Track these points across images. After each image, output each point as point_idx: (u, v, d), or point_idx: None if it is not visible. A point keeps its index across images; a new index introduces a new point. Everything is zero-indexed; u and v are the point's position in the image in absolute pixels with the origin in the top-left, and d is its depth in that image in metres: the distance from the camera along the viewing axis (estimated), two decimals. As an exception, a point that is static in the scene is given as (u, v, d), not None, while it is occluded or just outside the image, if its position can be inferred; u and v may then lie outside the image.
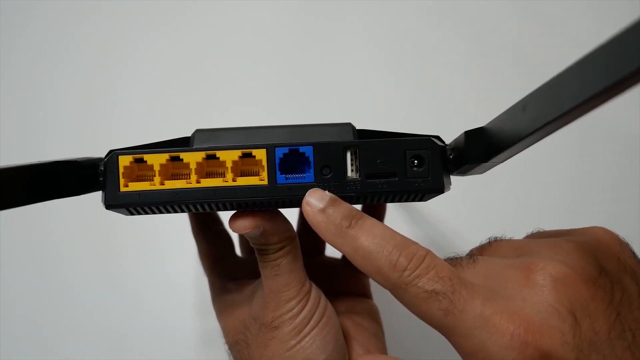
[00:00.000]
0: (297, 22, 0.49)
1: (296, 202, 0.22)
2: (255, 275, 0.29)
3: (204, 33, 0.48)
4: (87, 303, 0.43)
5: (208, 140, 0.22)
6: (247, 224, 0.23)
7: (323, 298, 0.26)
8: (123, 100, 0.47)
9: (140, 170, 0.22)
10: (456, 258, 0.23)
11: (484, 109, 0.46)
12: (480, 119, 0.22)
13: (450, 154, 0.24)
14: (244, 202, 0.22)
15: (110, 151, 0.22)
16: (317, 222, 0.21)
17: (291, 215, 0.26)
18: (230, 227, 0.23)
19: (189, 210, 0.23)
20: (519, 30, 0.49)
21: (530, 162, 0.45)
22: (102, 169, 0.22)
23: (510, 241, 0.24)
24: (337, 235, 0.21)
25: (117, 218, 0.26)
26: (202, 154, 0.21)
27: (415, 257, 0.20)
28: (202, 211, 0.23)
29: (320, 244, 0.34)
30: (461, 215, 0.45)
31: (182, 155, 0.22)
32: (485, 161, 0.21)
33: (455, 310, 0.19)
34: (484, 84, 0.48)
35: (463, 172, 0.24)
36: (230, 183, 0.22)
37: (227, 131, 0.22)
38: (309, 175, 0.22)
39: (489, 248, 0.24)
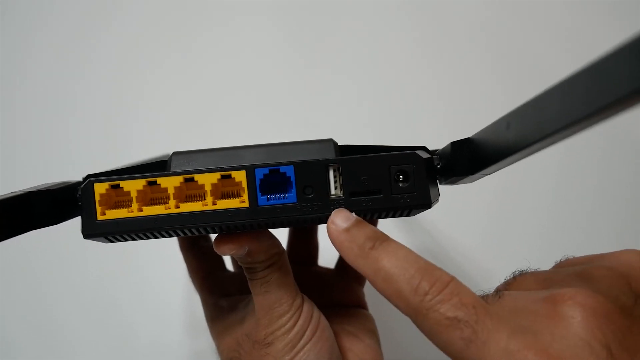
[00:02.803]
0: (283, 36, 0.48)
1: (279, 224, 0.21)
2: (247, 290, 0.28)
3: (194, 53, 0.48)
4: (74, 328, 0.43)
5: (185, 163, 0.21)
6: (231, 246, 0.22)
7: (316, 311, 0.25)
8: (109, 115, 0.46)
9: (118, 196, 0.21)
10: (482, 296, 0.21)
11: (472, 113, 0.45)
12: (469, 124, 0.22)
13: (438, 164, 0.23)
14: (226, 225, 0.21)
15: (87, 176, 0.22)
16: (340, 242, 0.20)
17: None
18: (215, 249, 0.23)
19: (170, 236, 0.22)
20: (506, 34, 0.48)
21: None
22: (79, 194, 0.21)
23: (536, 273, 0.23)
24: (359, 256, 0.20)
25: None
26: (180, 178, 0.21)
27: (439, 281, 0.19)
28: (184, 236, 0.22)
29: (313, 254, 0.34)
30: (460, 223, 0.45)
31: (159, 180, 0.21)
32: (472, 174, 0.21)
33: (478, 340, 0.18)
34: (470, 88, 0.47)
35: (452, 182, 0.23)
36: (210, 207, 0.21)
37: (205, 153, 0.22)
38: (291, 196, 0.21)
39: (514, 283, 0.23)
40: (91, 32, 0.48)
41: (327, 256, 0.34)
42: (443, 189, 0.24)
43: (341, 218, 0.21)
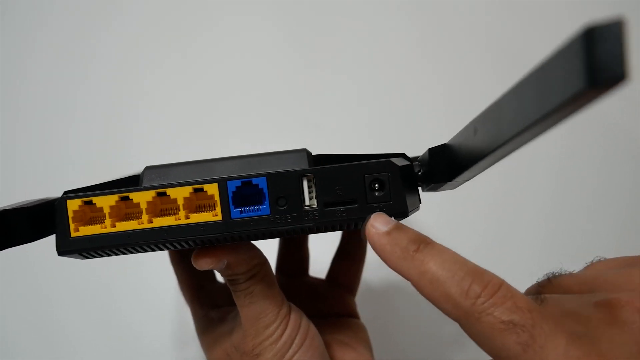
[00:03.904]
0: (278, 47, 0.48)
1: (253, 236, 0.21)
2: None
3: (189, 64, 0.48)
4: (75, 329, 0.43)
5: (157, 177, 0.21)
6: (209, 260, 0.22)
7: (304, 319, 0.25)
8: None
9: (92, 212, 0.21)
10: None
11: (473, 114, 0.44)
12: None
13: (419, 170, 0.22)
14: (199, 239, 0.21)
15: (64, 192, 0.21)
16: (382, 245, 0.20)
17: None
18: (194, 264, 0.22)
19: (145, 251, 0.22)
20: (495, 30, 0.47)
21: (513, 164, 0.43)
22: (52, 216, 0.21)
23: (573, 276, 0.22)
24: (403, 259, 0.19)
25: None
26: (152, 193, 0.21)
27: (490, 284, 0.18)
28: (159, 251, 0.22)
29: (304, 265, 0.33)
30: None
31: (132, 195, 0.21)
32: (450, 180, 0.20)
33: (536, 345, 0.17)
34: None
35: (433, 189, 0.22)
36: (183, 221, 0.21)
37: (177, 166, 0.21)
38: (265, 208, 0.21)
39: (550, 286, 0.22)
40: (91, 33, 0.48)
41: (319, 267, 0.33)
42: (443, 193, 0.23)
43: (381, 221, 0.20)
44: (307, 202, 0.21)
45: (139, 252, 0.22)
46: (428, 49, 0.47)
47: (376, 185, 0.21)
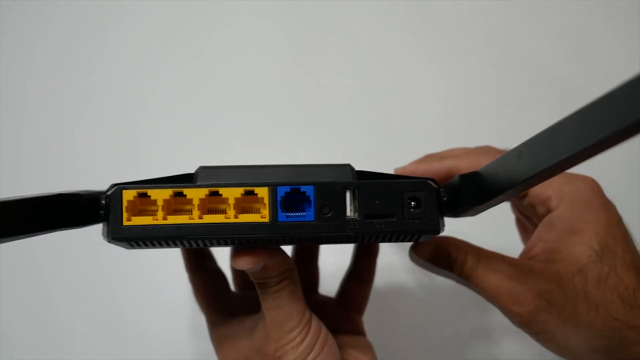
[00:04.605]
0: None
1: (296, 240, 0.22)
2: (251, 310, 0.29)
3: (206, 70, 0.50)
4: (77, 330, 0.43)
5: (211, 177, 0.23)
6: (249, 260, 0.23)
7: (324, 329, 0.26)
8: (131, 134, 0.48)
9: (142, 205, 0.22)
10: None
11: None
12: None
13: (444, 196, 0.24)
14: (245, 238, 0.22)
15: (113, 185, 0.22)
16: None
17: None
18: (233, 264, 0.24)
19: (191, 246, 0.23)
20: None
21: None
22: (104, 202, 0.22)
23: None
24: None
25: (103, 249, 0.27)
26: (206, 191, 0.22)
27: None
28: (204, 246, 0.23)
29: (314, 282, 0.35)
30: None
31: (186, 191, 0.22)
32: (480, 204, 0.22)
33: None
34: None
35: (456, 214, 0.24)
36: (232, 220, 0.22)
37: (230, 169, 0.23)
38: (309, 214, 0.22)
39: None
40: (97, 34, 0.51)
41: (330, 287, 0.35)
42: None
43: None
44: (349, 213, 0.22)
45: (184, 245, 0.23)
46: (429, 50, 0.51)
47: (413, 202, 0.23)
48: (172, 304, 0.43)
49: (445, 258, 0.27)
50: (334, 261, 0.36)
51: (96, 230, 0.23)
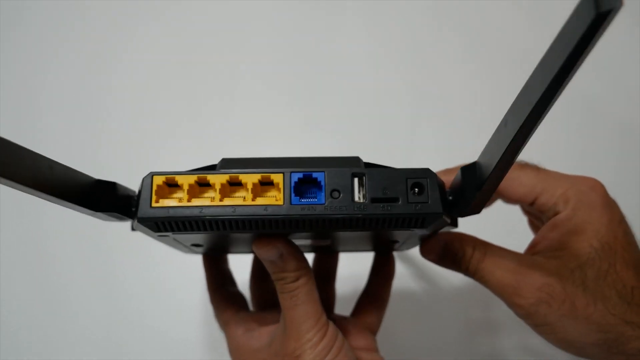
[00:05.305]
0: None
1: (308, 221, 0.24)
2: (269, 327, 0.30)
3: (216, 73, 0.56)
4: (85, 315, 0.44)
5: (232, 165, 0.25)
6: (269, 246, 0.26)
7: (340, 335, 0.27)
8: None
9: (169, 191, 0.25)
10: None
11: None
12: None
13: (450, 196, 0.26)
14: (261, 219, 0.24)
15: (150, 173, 0.25)
16: None
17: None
18: (254, 249, 0.26)
19: (211, 228, 0.25)
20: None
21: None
22: (138, 192, 0.25)
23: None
24: None
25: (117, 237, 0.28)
26: (227, 176, 0.24)
27: None
28: (223, 230, 0.25)
29: (330, 302, 0.35)
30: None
31: (209, 177, 0.24)
32: (480, 189, 0.24)
33: None
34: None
35: (463, 210, 0.26)
36: (249, 202, 0.24)
37: (249, 159, 0.25)
38: (321, 198, 0.24)
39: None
40: (116, 40, 0.56)
41: (347, 306, 0.35)
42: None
43: None
44: (357, 197, 0.24)
45: (205, 228, 0.25)
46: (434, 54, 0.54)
47: (416, 188, 0.24)
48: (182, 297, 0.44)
49: (452, 258, 0.28)
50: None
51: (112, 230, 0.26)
